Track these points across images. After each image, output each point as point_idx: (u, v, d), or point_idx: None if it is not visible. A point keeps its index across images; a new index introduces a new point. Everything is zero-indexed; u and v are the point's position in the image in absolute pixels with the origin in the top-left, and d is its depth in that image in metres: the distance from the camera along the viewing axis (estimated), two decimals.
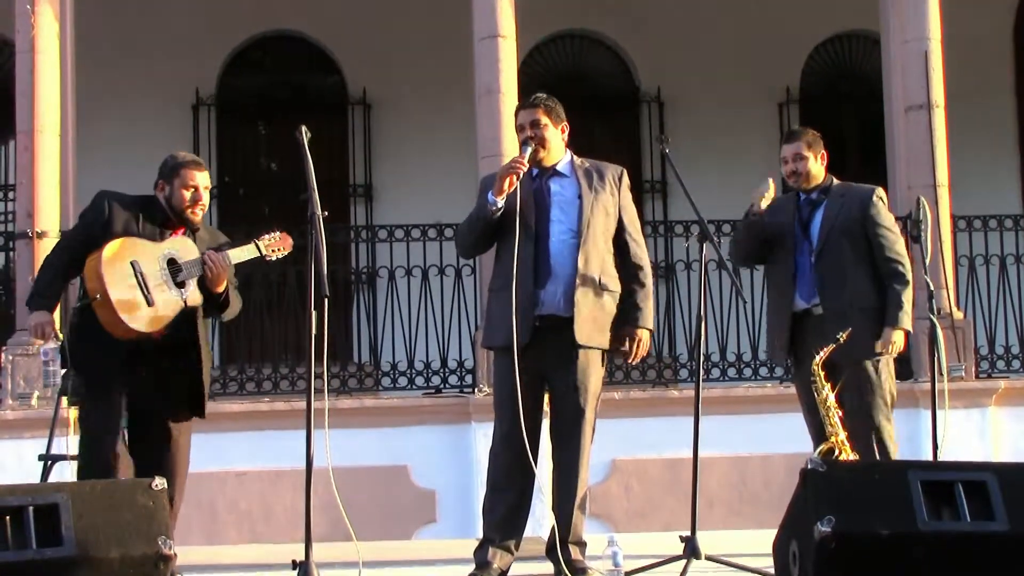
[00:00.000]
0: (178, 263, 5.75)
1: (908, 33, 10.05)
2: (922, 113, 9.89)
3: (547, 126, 5.95)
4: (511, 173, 5.77)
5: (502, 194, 5.77)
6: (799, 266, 6.59)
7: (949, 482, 4.98)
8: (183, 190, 5.89)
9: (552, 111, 5.97)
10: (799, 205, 6.74)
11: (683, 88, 13.12)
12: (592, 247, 5.87)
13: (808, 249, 6.58)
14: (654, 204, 12.88)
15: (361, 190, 12.95)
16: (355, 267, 11.33)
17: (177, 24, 12.56)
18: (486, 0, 9.80)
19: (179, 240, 5.85)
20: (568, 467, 5.85)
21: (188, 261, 5.77)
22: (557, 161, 6.00)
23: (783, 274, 6.67)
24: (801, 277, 6.58)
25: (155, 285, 5.68)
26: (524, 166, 5.80)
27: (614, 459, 9.45)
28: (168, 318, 5.71)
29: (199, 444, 6.03)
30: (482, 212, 5.84)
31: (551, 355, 5.80)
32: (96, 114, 11.42)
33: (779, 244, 6.71)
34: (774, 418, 9.55)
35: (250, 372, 9.88)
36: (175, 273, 5.73)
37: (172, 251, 5.78)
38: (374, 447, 9.42)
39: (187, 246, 5.83)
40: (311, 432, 5.22)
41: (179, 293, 5.73)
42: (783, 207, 6.79)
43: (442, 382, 9.93)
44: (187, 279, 5.75)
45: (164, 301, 5.70)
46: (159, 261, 5.72)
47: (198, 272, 5.77)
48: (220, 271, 5.78)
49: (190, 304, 5.76)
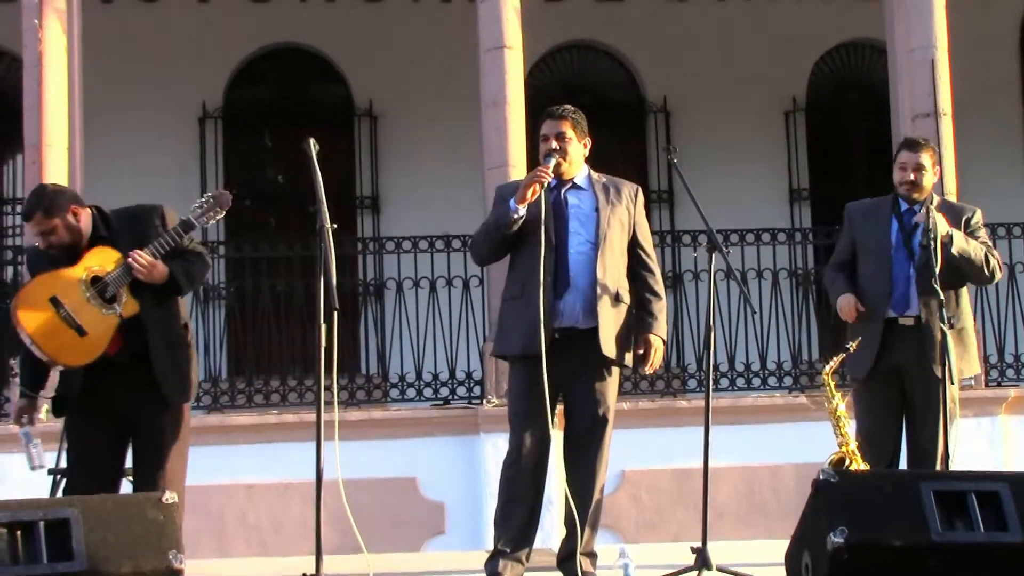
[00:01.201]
0: (102, 279, 5.56)
1: (914, 41, 10.04)
2: (929, 121, 9.87)
3: (571, 139, 5.96)
4: (535, 182, 5.77)
5: (524, 203, 5.78)
6: (896, 276, 6.55)
7: (962, 492, 4.96)
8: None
9: (578, 125, 5.99)
10: (900, 214, 6.65)
11: (689, 98, 13.12)
12: (610, 258, 5.89)
13: (906, 259, 6.54)
14: (661, 214, 12.86)
15: (368, 201, 12.95)
16: (362, 279, 11.33)
17: (183, 37, 12.58)
18: (492, 11, 9.80)
19: (96, 254, 5.64)
20: (583, 479, 5.84)
21: (112, 273, 5.56)
22: (576, 174, 6.02)
23: (876, 283, 6.58)
24: (898, 287, 6.54)
25: (83, 311, 5.53)
26: (548, 176, 5.80)
27: (624, 470, 9.43)
28: (107, 337, 5.56)
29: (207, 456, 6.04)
30: (502, 220, 5.83)
31: (568, 366, 5.80)
32: (103, 128, 11.42)
33: (868, 251, 6.68)
34: (783, 427, 9.55)
35: (258, 384, 9.87)
36: (102, 290, 5.56)
37: (93, 268, 5.59)
38: (382, 459, 9.40)
39: (106, 256, 5.61)
40: (321, 444, 5.21)
41: (112, 309, 5.56)
42: (873, 211, 6.72)
43: (450, 393, 9.91)
44: (116, 290, 5.56)
45: (96, 324, 5.54)
46: (81, 284, 5.55)
47: (126, 278, 5.56)
48: (149, 270, 5.54)
49: (127, 315, 5.57)
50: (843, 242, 6.85)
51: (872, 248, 6.63)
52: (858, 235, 6.71)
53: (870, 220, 6.68)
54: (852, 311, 6.54)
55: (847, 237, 6.80)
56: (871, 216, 6.69)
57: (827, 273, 6.88)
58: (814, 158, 13.48)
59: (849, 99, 13.70)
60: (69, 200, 5.70)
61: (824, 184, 13.47)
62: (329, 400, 5.27)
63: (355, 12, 12.88)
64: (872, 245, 6.63)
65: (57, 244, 5.63)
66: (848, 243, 6.78)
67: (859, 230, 6.71)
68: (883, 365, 6.51)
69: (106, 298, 5.56)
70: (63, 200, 5.67)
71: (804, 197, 13.33)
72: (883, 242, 6.59)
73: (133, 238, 5.66)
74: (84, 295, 5.55)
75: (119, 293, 5.57)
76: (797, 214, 13.24)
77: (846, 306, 6.56)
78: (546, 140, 5.98)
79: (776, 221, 12.04)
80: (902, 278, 6.51)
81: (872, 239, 6.64)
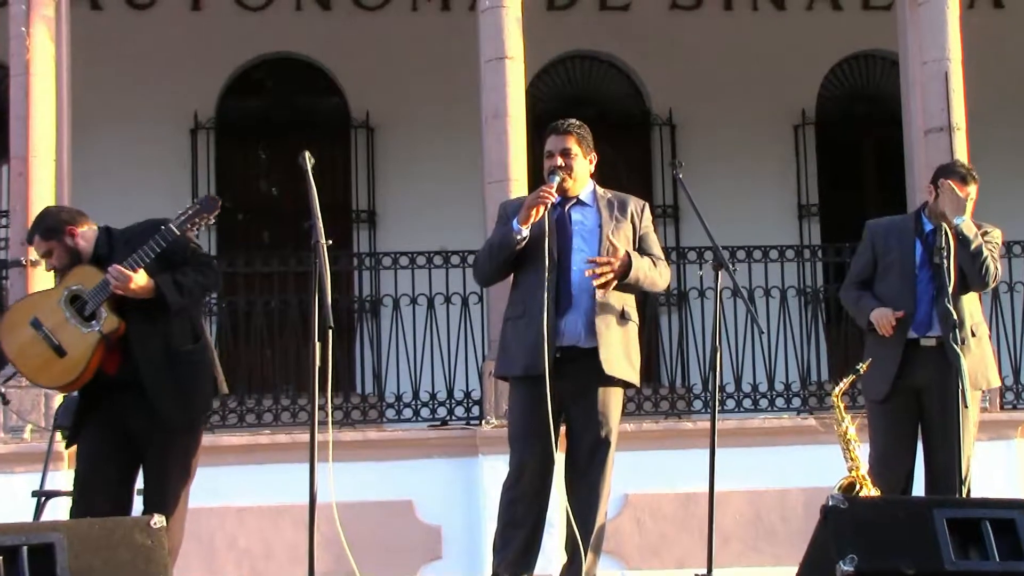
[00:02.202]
0: (81, 296, 5.65)
1: (927, 53, 10.04)
2: (942, 136, 9.87)
3: (576, 155, 5.98)
4: (539, 204, 5.78)
5: (528, 223, 5.78)
6: (920, 296, 6.56)
7: (976, 520, 4.94)
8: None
9: (584, 140, 6.01)
10: (924, 233, 6.65)
11: (695, 110, 13.12)
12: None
13: (930, 279, 6.53)
14: (666, 230, 12.86)
15: (364, 216, 12.94)
16: (358, 295, 11.31)
17: (175, 46, 12.58)
18: (493, 20, 9.79)
19: (78, 272, 5.74)
20: (585, 502, 5.84)
21: (92, 289, 5.64)
22: (581, 190, 6.01)
23: (898, 302, 6.59)
24: (921, 307, 6.55)
25: (62, 331, 5.62)
26: (552, 197, 5.81)
27: (626, 494, 9.40)
28: (87, 356, 5.61)
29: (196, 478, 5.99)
30: (506, 240, 5.84)
31: (571, 387, 5.80)
32: (92, 139, 11.42)
33: (890, 270, 6.68)
34: (792, 451, 9.52)
35: (250, 403, 9.84)
36: (80, 308, 5.64)
37: (74, 286, 5.69)
38: (378, 481, 9.37)
39: (87, 274, 5.70)
40: (314, 466, 5.19)
41: (91, 327, 5.62)
42: (896, 229, 6.74)
43: (448, 414, 9.89)
44: (96, 307, 5.62)
45: (76, 343, 5.62)
46: (61, 303, 5.66)
47: (105, 294, 5.62)
48: (125, 283, 5.57)
49: (107, 331, 5.62)
50: (863, 260, 6.85)
51: (895, 267, 6.65)
52: (880, 253, 6.71)
53: (892, 238, 6.69)
54: (891, 322, 6.52)
55: (867, 255, 6.81)
56: (894, 234, 6.71)
57: (847, 292, 6.88)
58: (824, 173, 13.48)
59: (860, 112, 13.70)
60: (67, 222, 5.80)
61: (834, 200, 13.47)
62: (323, 420, 5.27)
63: (352, 21, 12.90)
64: (895, 264, 6.65)
65: (59, 266, 5.77)
66: (869, 261, 6.79)
67: (881, 248, 6.71)
68: (902, 386, 6.51)
69: (85, 316, 5.62)
70: (60, 223, 5.79)
71: (813, 213, 13.33)
72: (907, 261, 6.61)
73: (129, 255, 5.68)
74: (64, 314, 5.63)
75: (99, 310, 5.62)
76: (806, 230, 13.24)
77: (883, 319, 6.54)
78: (551, 156, 5.99)
79: (784, 238, 12.05)
80: (926, 298, 6.52)
81: (895, 258, 6.65)
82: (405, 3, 13.05)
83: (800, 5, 13.43)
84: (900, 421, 6.53)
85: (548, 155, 6.01)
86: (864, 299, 6.72)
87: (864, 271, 6.82)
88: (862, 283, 6.81)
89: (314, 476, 5.19)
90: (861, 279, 6.82)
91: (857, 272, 6.88)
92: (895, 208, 10.03)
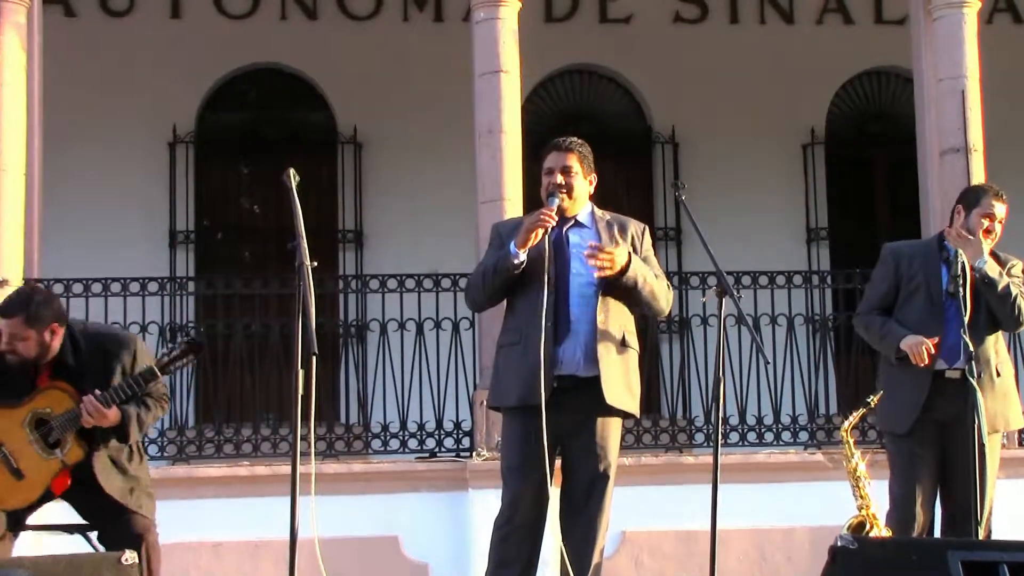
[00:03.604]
0: (48, 422, 5.79)
1: (943, 71, 10.06)
2: (959, 157, 9.89)
3: (577, 174, 5.98)
4: (539, 227, 5.77)
5: (526, 247, 5.78)
6: (947, 326, 6.53)
7: (993, 563, 4.93)
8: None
9: (585, 159, 6.02)
10: (948, 259, 6.63)
11: (699, 128, 13.15)
12: (613, 301, 5.88)
13: (957, 308, 6.51)
14: (667, 253, 12.87)
15: (351, 235, 12.94)
16: (344, 319, 11.31)
17: (154, 55, 12.60)
18: (488, 32, 9.82)
19: (47, 395, 5.84)
20: (581, 540, 5.83)
21: (60, 416, 5.79)
22: (579, 211, 6.02)
23: (925, 332, 6.54)
24: (949, 336, 6.53)
25: (23, 455, 5.76)
26: (552, 220, 5.80)
27: (624, 531, 9.39)
28: (45, 482, 5.78)
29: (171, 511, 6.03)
30: (502, 264, 5.83)
31: (568, 418, 5.79)
32: (65, 152, 11.43)
33: (915, 297, 6.67)
34: (798, 487, 9.52)
35: (228, 433, 9.82)
36: (46, 434, 5.78)
37: (41, 410, 5.81)
38: (362, 516, 9.36)
39: (56, 398, 5.82)
40: (296, 499, 5.18)
41: (53, 454, 5.78)
42: (920, 253, 6.73)
43: (437, 445, 9.87)
44: (61, 435, 5.78)
45: (36, 468, 5.78)
46: (25, 427, 5.78)
47: (74, 425, 5.78)
48: (99, 419, 5.76)
49: (70, 462, 5.80)
50: (885, 285, 6.80)
51: (921, 293, 6.63)
52: (905, 278, 6.69)
53: (917, 263, 6.67)
54: (929, 352, 6.48)
55: (891, 279, 6.76)
56: (919, 258, 6.69)
57: (865, 319, 6.82)
58: (833, 195, 13.50)
59: (872, 131, 13.74)
60: (53, 317, 5.86)
61: (844, 223, 13.50)
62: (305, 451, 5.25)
63: (340, 31, 12.92)
64: (921, 289, 6.63)
65: (21, 354, 5.79)
66: (892, 286, 6.75)
67: (906, 272, 6.69)
68: (927, 419, 6.49)
69: (49, 442, 5.79)
70: (48, 314, 5.84)
71: (823, 237, 13.35)
72: (934, 287, 6.59)
73: (98, 375, 5.86)
74: (27, 438, 5.78)
75: (64, 438, 5.79)
76: (815, 255, 13.25)
77: (919, 347, 6.46)
78: (550, 173, 5.99)
79: (792, 262, 12.06)
80: (953, 326, 6.49)
81: (921, 283, 6.63)
82: (395, 13, 13.08)
83: (810, 18, 13.48)
84: (923, 457, 6.50)
85: (547, 172, 6.01)
86: (890, 325, 6.64)
87: (886, 297, 6.77)
88: (884, 310, 6.77)
89: (295, 510, 5.17)
90: (882, 305, 6.78)
91: (878, 297, 6.82)
92: (908, 233, 10.05)
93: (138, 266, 10.91)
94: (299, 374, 5.19)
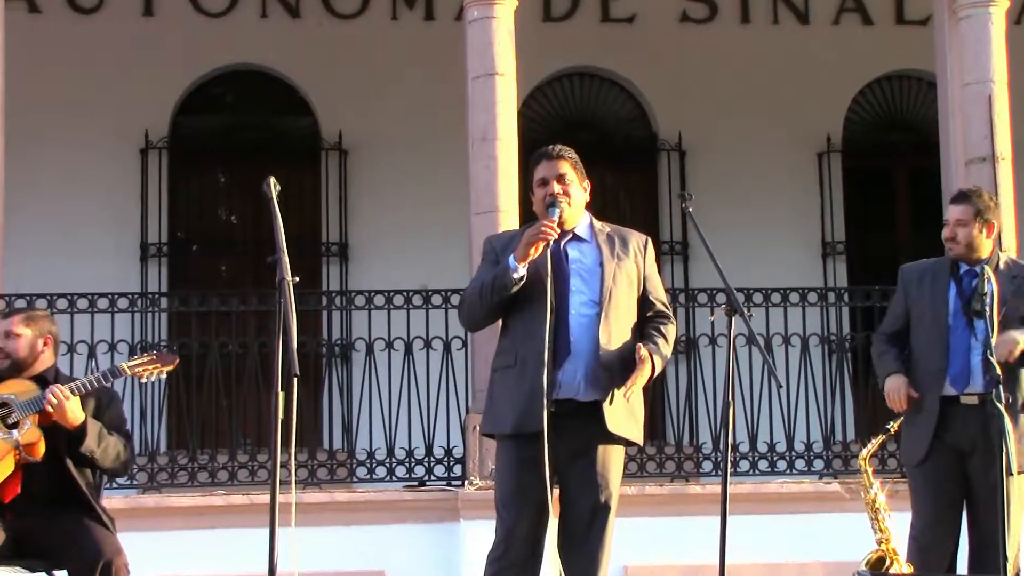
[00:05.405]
0: (10, 405, 6.08)
1: (969, 75, 10.09)
2: (985, 166, 9.91)
3: (573, 182, 5.97)
4: (540, 240, 5.76)
5: (526, 262, 5.77)
6: (953, 348, 6.55)
7: None
8: None
9: (577, 165, 6.01)
10: (959, 277, 6.67)
11: (707, 135, 13.18)
12: (615, 320, 5.87)
13: (966, 328, 6.53)
14: (673, 269, 12.88)
15: (335, 249, 12.95)
16: (327, 338, 11.31)
17: (125, 55, 12.62)
18: (482, 32, 9.83)
19: (14, 383, 6.18)
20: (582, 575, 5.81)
21: (24, 400, 6.09)
22: (577, 224, 6.01)
23: (930, 356, 6.59)
24: (955, 360, 6.54)
25: None
26: (555, 233, 5.78)
27: (626, 565, 9.40)
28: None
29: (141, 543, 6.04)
30: (500, 280, 5.81)
31: (567, 445, 5.77)
32: (30, 158, 11.43)
33: (922, 319, 6.68)
34: (813, 519, 9.52)
35: (203, 460, 9.82)
36: (6, 415, 6.06)
37: (6, 395, 6.12)
38: (346, 548, 9.36)
39: (23, 387, 6.17)
40: (275, 531, 5.18)
41: (10, 434, 6.03)
42: (928, 274, 6.75)
43: (427, 473, 9.88)
44: (21, 416, 6.06)
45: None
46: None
47: (35, 408, 6.06)
48: (61, 405, 6.00)
49: (24, 441, 6.01)
50: (896, 310, 6.86)
51: (927, 316, 6.64)
52: (912, 301, 6.72)
53: (925, 284, 6.70)
54: (903, 398, 6.52)
55: (901, 305, 6.81)
56: (926, 279, 6.71)
57: (876, 344, 6.88)
58: (851, 207, 13.53)
59: (892, 139, 13.77)
60: (49, 329, 6.43)
61: (862, 237, 13.53)
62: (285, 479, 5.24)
63: (324, 30, 12.95)
64: (927, 312, 6.65)
65: (10, 354, 6.25)
66: (902, 311, 6.79)
67: (913, 295, 6.72)
68: (941, 447, 6.50)
69: (7, 424, 6.07)
70: (46, 324, 6.44)
71: (839, 251, 13.38)
72: (939, 309, 6.60)
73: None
74: None
75: (23, 420, 6.06)
76: (831, 271, 13.27)
77: (894, 391, 6.55)
78: (545, 184, 5.97)
79: (806, 279, 12.06)
80: (960, 350, 6.49)
81: (927, 306, 6.65)
82: (384, 11, 13.11)
83: (826, 19, 13.52)
84: (942, 488, 6.50)
85: (540, 183, 5.99)
86: (885, 358, 6.72)
87: (896, 322, 6.82)
88: (895, 335, 6.80)
89: (274, 542, 5.17)
90: (894, 330, 6.82)
91: (889, 323, 6.88)
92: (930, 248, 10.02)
93: (107, 281, 10.92)
94: (279, 397, 5.18)
